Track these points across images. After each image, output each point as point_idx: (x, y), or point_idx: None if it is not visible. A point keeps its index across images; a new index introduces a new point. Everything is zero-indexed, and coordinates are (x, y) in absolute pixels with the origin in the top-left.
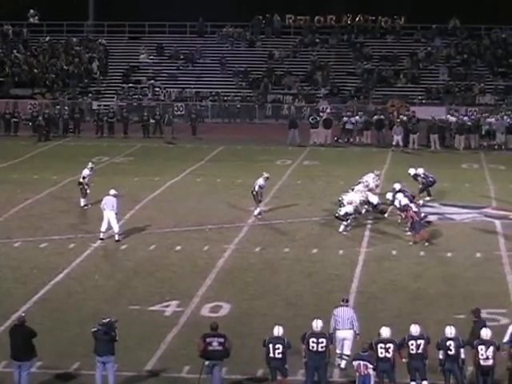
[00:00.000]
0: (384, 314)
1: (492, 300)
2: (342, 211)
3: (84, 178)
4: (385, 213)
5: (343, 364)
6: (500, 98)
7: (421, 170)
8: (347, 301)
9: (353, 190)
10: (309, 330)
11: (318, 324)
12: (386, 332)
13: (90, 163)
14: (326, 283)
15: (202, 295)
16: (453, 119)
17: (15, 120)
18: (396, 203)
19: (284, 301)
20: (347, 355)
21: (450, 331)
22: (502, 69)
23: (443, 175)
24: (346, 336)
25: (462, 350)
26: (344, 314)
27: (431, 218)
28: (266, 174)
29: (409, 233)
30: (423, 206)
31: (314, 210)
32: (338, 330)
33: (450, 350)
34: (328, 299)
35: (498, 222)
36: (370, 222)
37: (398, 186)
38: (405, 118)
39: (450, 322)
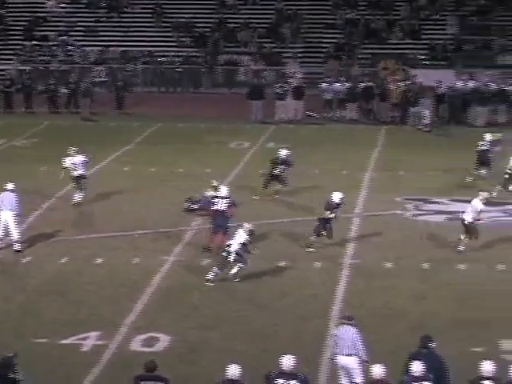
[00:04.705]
0: (376, 347)
1: None
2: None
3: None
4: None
5: None
6: None
7: None
8: (350, 318)
9: None
10: (276, 369)
11: (288, 361)
12: (378, 372)
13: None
14: (299, 307)
15: (132, 324)
16: (463, 85)
17: None
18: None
19: (244, 331)
20: None
21: (488, 368)
22: None
23: (453, 160)
24: (346, 363)
25: None
26: (345, 335)
27: (436, 218)
28: (214, 182)
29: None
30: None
31: (279, 209)
32: (337, 355)
33: None
34: (304, 328)
35: None
36: (356, 223)
37: None
38: (402, 85)
39: (465, 356)
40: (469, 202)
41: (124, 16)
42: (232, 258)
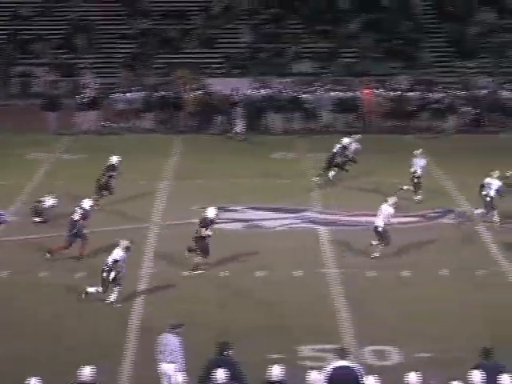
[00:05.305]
0: None
1: (316, 332)
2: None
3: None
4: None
5: None
6: (322, 65)
7: None
8: (175, 327)
9: None
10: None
11: (87, 372)
12: (180, 380)
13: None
14: (97, 316)
15: None
16: (258, 93)
17: None
18: None
19: (49, 343)
20: None
21: (275, 372)
22: (324, 26)
23: (248, 168)
24: (166, 370)
25: None
26: (168, 343)
27: (233, 226)
28: (52, 197)
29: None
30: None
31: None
32: (160, 361)
33: None
34: (106, 339)
35: (323, 229)
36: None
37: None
38: (198, 94)
39: (264, 363)
40: (268, 209)
41: None
42: (111, 276)
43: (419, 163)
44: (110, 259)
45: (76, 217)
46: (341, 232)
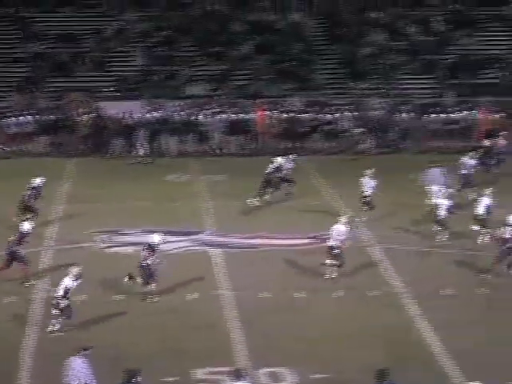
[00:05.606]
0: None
1: (211, 355)
2: None
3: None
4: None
5: None
6: (214, 87)
7: None
8: (83, 349)
9: None
10: None
11: None
12: None
13: None
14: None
15: None
16: (151, 116)
17: None
18: None
19: None
20: None
21: None
22: (217, 48)
23: (142, 191)
24: None
25: None
26: (74, 366)
27: (126, 249)
28: None
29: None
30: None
31: None
32: None
33: None
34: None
35: (218, 252)
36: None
37: None
38: (90, 117)
39: None
40: (162, 232)
41: None
42: (62, 305)
43: (369, 184)
44: (60, 288)
45: (11, 238)
46: (235, 254)
